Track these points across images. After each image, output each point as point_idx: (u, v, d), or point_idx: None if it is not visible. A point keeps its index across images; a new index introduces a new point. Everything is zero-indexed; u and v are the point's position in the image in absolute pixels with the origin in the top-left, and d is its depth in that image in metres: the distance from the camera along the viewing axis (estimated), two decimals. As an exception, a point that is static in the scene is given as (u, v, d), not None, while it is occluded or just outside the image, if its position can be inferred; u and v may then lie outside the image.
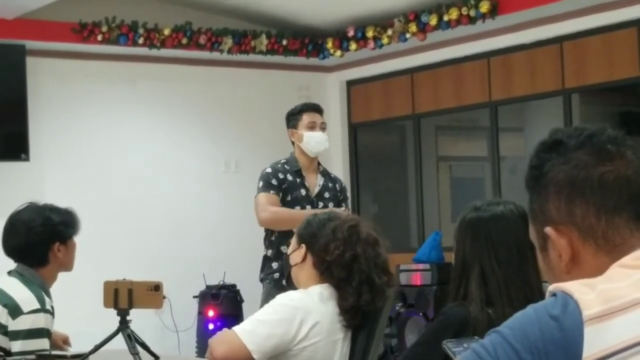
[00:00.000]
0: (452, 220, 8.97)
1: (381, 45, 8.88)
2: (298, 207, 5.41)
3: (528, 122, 9.31)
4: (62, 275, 4.09)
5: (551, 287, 1.44)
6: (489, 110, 8.80)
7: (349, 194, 5.70)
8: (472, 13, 8.04)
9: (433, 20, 8.32)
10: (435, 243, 8.40)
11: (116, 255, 8.48)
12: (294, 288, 3.40)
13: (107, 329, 3.64)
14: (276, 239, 5.38)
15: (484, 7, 7.95)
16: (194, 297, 8.64)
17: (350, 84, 9.98)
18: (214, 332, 7.81)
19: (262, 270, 5.46)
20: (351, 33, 9.05)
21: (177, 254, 8.85)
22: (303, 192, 5.45)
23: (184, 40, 8.77)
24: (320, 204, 5.46)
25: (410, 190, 9.64)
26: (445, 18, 8.24)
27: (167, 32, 8.68)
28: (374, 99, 9.80)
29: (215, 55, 9.02)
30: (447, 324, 2.85)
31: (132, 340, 3.53)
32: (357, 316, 3.24)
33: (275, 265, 5.34)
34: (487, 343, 1.41)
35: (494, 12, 7.95)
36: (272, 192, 5.38)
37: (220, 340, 3.15)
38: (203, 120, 9.22)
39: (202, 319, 8.51)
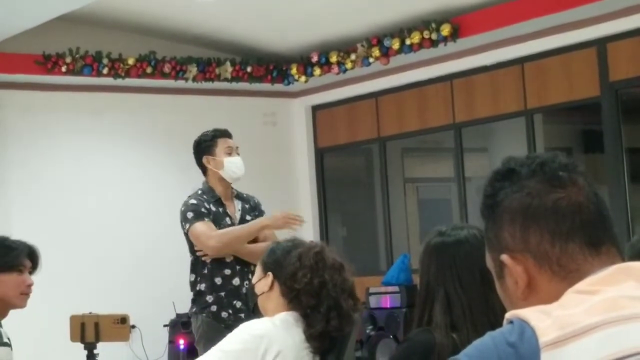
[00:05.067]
0: (420, 241, 8.97)
1: (345, 70, 8.94)
2: None
3: (492, 143, 9.39)
4: (28, 308, 4.07)
5: (508, 315, 1.47)
6: (453, 132, 8.87)
7: (263, 208, 5.51)
8: (434, 36, 8.12)
9: (395, 44, 8.39)
10: (403, 265, 8.44)
11: (85, 286, 8.44)
12: (261, 317, 3.40)
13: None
14: (209, 271, 5.24)
15: (445, 30, 8.03)
16: (165, 325, 8.60)
17: (316, 109, 10.03)
18: (185, 360, 7.80)
19: (194, 303, 5.30)
20: (315, 58, 9.10)
21: (146, 283, 8.82)
22: (228, 220, 5.31)
23: (149, 70, 8.78)
24: None
25: (377, 212, 9.67)
26: (408, 42, 8.32)
27: (131, 61, 8.69)
28: (339, 123, 9.85)
29: (180, 83, 9.04)
30: (413, 350, 2.86)
31: (101, 374, 3.53)
32: (326, 342, 3.25)
33: (210, 298, 5.21)
34: (447, 371, 1.43)
35: (455, 35, 8.03)
36: (206, 219, 5.23)
37: None
38: (169, 149, 9.21)
39: (173, 348, 8.48)
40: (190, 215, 5.27)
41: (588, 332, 1.39)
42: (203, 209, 5.26)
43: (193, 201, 5.31)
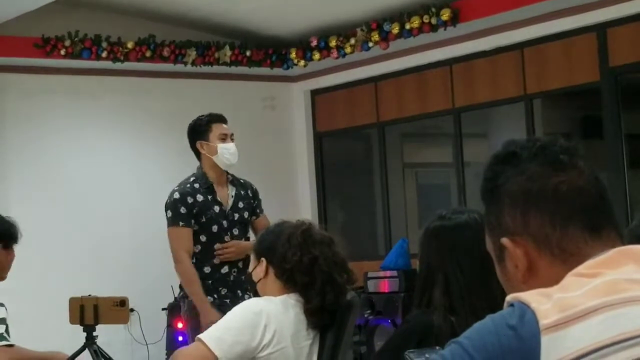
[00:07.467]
0: (419, 226, 9.01)
1: (344, 55, 8.92)
2: (215, 226, 5.27)
3: (491, 128, 9.39)
4: (27, 291, 4.08)
5: (508, 298, 1.47)
6: (452, 117, 8.87)
7: (261, 196, 5.49)
8: (434, 21, 8.10)
9: (395, 29, 8.38)
10: (402, 250, 8.44)
11: (83, 269, 8.44)
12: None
13: (73, 345, 3.64)
14: (197, 261, 5.27)
15: (445, 15, 8.01)
16: (163, 309, 8.61)
17: (315, 93, 10.01)
18: (183, 344, 7.81)
19: (182, 288, 5.34)
20: (314, 43, 9.08)
21: (144, 267, 8.81)
22: (217, 208, 5.28)
23: (148, 53, 8.76)
24: (236, 215, 5.34)
25: (376, 197, 9.67)
26: (407, 26, 8.30)
27: (130, 45, 8.67)
28: (338, 107, 9.84)
29: (179, 67, 9.02)
30: (411, 332, 2.87)
31: (99, 356, 3.54)
32: (324, 317, 3.30)
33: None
34: (447, 353, 1.43)
35: (455, 19, 8.01)
36: (181, 224, 5.20)
37: (186, 352, 3.17)
38: (168, 133, 9.19)
39: (172, 332, 8.49)
40: (169, 214, 5.26)
41: (588, 314, 1.39)
42: (182, 208, 5.20)
43: (176, 195, 5.25)
